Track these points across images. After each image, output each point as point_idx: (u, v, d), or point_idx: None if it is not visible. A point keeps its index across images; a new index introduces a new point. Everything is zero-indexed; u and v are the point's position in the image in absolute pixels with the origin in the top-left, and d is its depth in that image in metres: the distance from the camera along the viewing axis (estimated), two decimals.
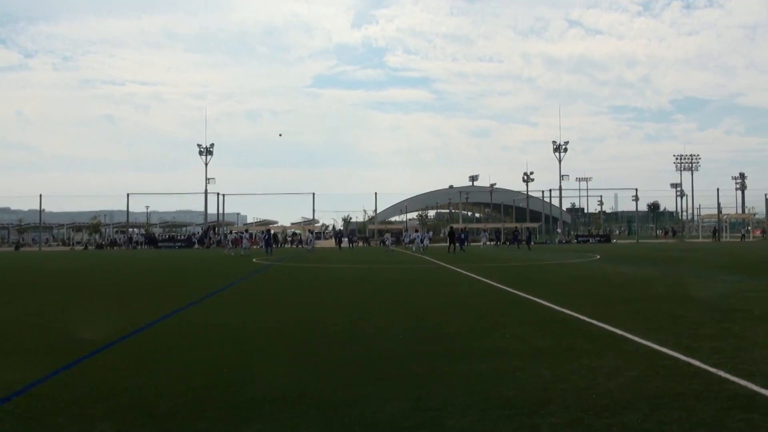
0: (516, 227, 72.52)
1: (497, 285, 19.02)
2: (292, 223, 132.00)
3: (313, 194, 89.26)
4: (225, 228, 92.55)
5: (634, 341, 9.63)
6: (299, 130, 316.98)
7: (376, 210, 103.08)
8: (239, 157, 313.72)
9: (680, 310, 13.08)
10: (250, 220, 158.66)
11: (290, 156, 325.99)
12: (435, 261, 34.98)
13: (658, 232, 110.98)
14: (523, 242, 59.52)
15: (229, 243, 51.80)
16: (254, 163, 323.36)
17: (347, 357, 8.76)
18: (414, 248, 53.76)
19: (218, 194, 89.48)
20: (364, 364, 8.38)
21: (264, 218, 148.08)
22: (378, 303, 15.10)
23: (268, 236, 49.21)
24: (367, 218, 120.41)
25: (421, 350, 9.13)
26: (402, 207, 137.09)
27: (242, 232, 56.40)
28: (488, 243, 61.40)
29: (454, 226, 61.21)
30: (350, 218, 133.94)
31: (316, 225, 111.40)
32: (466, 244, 60.00)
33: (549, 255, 41.58)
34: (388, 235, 61.48)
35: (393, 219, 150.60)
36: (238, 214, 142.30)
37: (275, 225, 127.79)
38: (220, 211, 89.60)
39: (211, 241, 75.07)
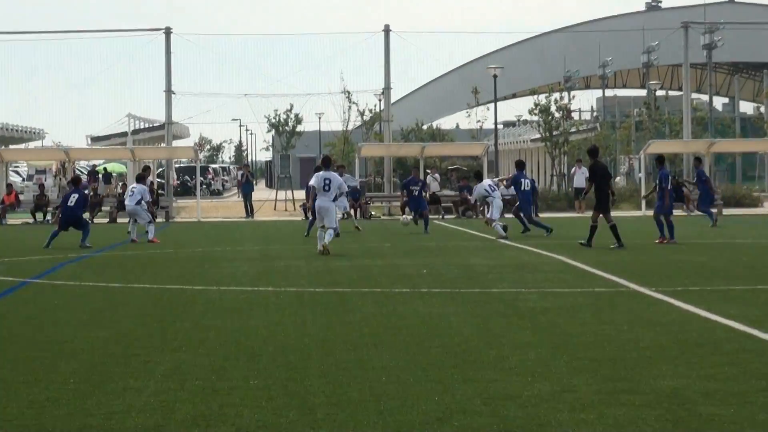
0: None
1: None
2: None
3: (167, 33, 54.03)
4: None
5: None
6: None
7: (388, 89, 49.67)
8: None
9: None
10: None
11: None
12: (601, 273, 19.53)
13: None
14: None
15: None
16: None
17: None
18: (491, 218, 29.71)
19: None
20: None
21: (33, 126, 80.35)
22: None
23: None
24: (361, 122, 61.55)
25: None
26: (484, 80, 55.73)
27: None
28: None
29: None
30: (296, 122, 57.21)
31: (201, 145, 59.38)
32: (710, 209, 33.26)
33: None
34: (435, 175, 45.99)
35: (448, 126, 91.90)
36: None
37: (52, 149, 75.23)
38: None
39: None
